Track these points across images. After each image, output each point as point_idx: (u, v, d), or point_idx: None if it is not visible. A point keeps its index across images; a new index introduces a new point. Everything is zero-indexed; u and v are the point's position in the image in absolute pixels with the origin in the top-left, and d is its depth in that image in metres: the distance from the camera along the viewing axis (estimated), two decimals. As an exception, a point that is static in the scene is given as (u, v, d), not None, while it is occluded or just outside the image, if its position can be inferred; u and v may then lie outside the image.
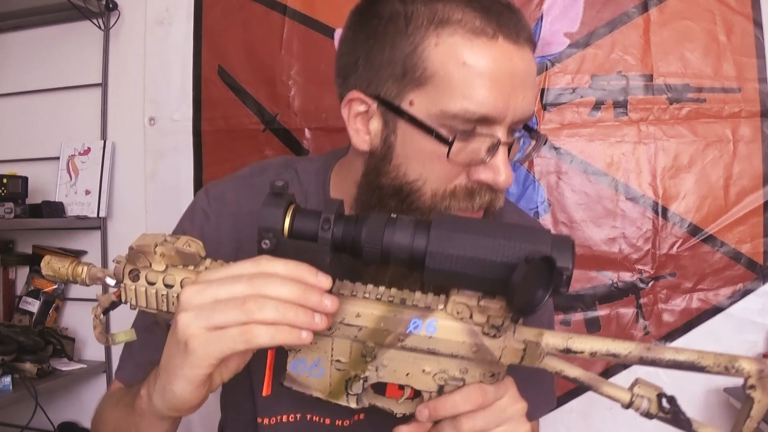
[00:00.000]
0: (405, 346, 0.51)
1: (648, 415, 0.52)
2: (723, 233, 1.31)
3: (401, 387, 0.54)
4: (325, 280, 0.46)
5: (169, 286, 0.52)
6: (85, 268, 0.56)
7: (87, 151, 1.66)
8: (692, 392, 1.32)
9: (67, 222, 1.62)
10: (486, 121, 0.57)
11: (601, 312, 1.35)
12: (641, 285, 1.34)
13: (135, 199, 1.64)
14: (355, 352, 0.52)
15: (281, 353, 0.55)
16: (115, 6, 1.64)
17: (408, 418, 0.55)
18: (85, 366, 1.60)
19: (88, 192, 1.64)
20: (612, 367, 1.34)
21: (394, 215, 0.49)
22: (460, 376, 0.52)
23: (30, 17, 1.68)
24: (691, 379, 1.36)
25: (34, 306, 1.67)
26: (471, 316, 0.50)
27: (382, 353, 0.52)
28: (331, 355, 0.53)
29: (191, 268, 0.52)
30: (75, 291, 1.72)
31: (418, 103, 0.58)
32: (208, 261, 0.53)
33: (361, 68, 0.61)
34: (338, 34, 1.47)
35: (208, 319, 0.45)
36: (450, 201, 0.60)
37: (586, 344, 0.50)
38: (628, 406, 0.52)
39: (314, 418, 0.71)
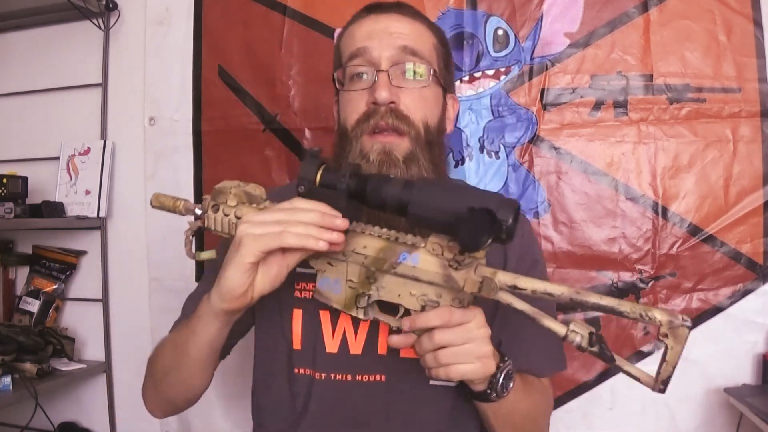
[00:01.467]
0: (397, 272, 0.69)
1: (580, 348, 0.65)
2: (723, 233, 1.31)
3: (395, 308, 0.72)
4: (337, 213, 0.66)
5: (238, 218, 0.71)
6: (182, 202, 0.76)
7: (87, 151, 1.66)
8: (692, 392, 1.32)
9: (67, 222, 1.62)
10: (360, 53, 0.83)
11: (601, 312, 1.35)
12: (641, 285, 1.34)
13: (135, 199, 1.64)
14: (362, 274, 0.71)
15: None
16: (115, 6, 1.64)
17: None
18: (85, 366, 1.60)
19: (88, 192, 1.64)
20: (612, 367, 1.34)
21: (391, 175, 0.69)
22: (436, 299, 0.69)
23: (30, 17, 1.68)
24: (692, 379, 1.37)
25: (34, 306, 1.67)
26: (443, 253, 0.67)
27: (381, 277, 0.71)
28: (346, 276, 0.72)
29: (254, 205, 0.72)
30: (75, 291, 1.72)
31: (338, 75, 0.87)
32: (267, 202, 0.72)
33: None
34: (338, 34, 1.47)
35: (256, 228, 0.66)
36: (360, 126, 0.81)
37: (529, 284, 0.65)
38: (564, 338, 0.65)
39: (337, 376, 0.84)
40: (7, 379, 1.38)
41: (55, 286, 1.69)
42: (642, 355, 1.33)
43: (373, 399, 0.83)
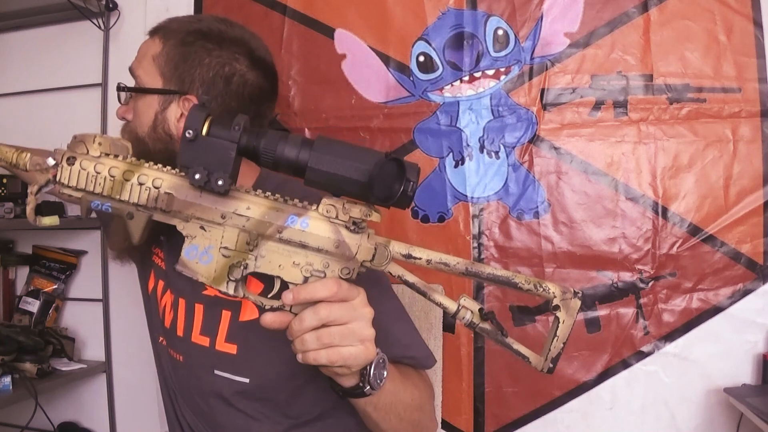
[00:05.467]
0: (282, 238, 0.63)
1: (470, 325, 0.64)
2: (723, 233, 1.31)
3: (269, 280, 0.66)
4: None
5: (98, 173, 0.63)
6: (29, 155, 0.65)
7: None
8: (692, 392, 1.32)
9: (67, 222, 1.62)
10: None
11: (601, 312, 1.35)
12: (641, 285, 1.34)
13: (135, 199, 1.63)
14: (241, 240, 0.64)
15: (179, 240, 0.65)
16: (115, 6, 1.64)
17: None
18: (85, 366, 1.60)
19: (88, 192, 1.64)
20: (612, 367, 1.35)
21: (287, 132, 0.63)
22: (322, 269, 0.64)
23: (30, 17, 1.67)
24: (692, 379, 1.37)
25: (34, 306, 1.67)
26: (337, 216, 0.63)
27: (262, 244, 0.64)
28: (221, 243, 0.64)
29: (120, 158, 0.64)
30: (75, 291, 1.72)
31: None
32: (133, 158, 0.64)
33: None
34: (338, 34, 1.48)
35: None
36: None
37: (424, 254, 0.64)
38: (454, 315, 0.65)
39: (161, 341, 0.93)
40: (7, 379, 1.38)
41: (55, 286, 1.69)
42: (642, 355, 1.34)
43: (176, 374, 0.92)
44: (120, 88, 0.92)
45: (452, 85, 1.41)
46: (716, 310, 1.32)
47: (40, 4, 1.59)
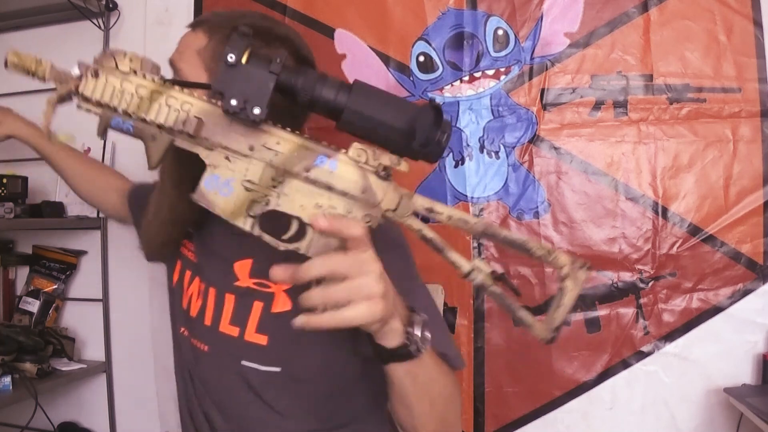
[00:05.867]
0: (309, 177, 0.61)
1: (482, 286, 0.64)
2: (723, 233, 1.31)
3: (290, 220, 0.63)
4: None
5: (123, 89, 0.61)
6: (50, 63, 0.64)
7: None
8: (692, 392, 1.32)
9: (67, 222, 1.62)
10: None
11: (601, 312, 1.35)
12: (641, 285, 1.34)
13: (135, 199, 1.64)
14: (266, 175, 0.61)
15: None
16: (115, 6, 1.64)
17: (289, 256, 0.61)
18: (85, 366, 1.60)
19: (88, 192, 1.64)
20: (612, 367, 1.35)
21: (325, 73, 0.61)
22: (344, 214, 0.62)
23: (30, 17, 1.67)
24: (692, 379, 1.37)
25: (34, 306, 1.67)
26: (367, 161, 0.62)
27: (287, 181, 0.61)
28: (245, 176, 0.61)
29: (150, 78, 0.61)
30: (75, 291, 1.72)
31: None
32: (161, 78, 0.62)
33: None
34: (338, 34, 1.48)
35: None
36: None
37: (445, 210, 0.64)
38: (467, 275, 0.64)
39: (184, 332, 0.91)
40: (7, 379, 1.38)
41: (55, 286, 1.69)
42: (642, 355, 1.34)
43: (200, 365, 0.89)
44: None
45: (452, 85, 1.41)
46: (716, 310, 1.32)
47: (40, 4, 1.59)
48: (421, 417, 0.72)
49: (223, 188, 0.62)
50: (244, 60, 0.58)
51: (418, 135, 0.59)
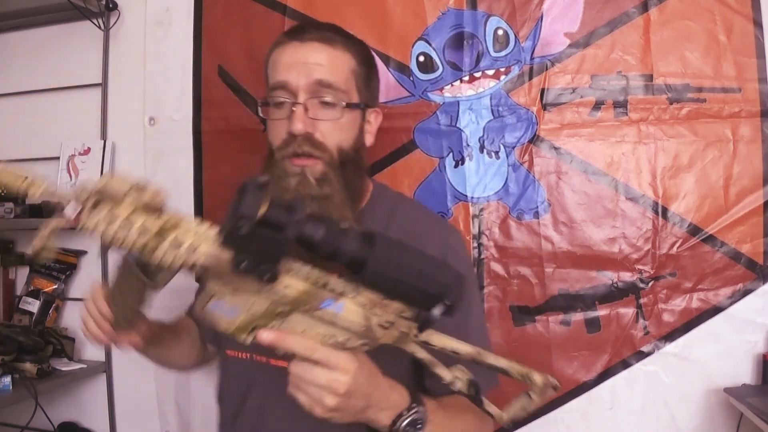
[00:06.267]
0: (314, 315, 0.64)
1: (460, 392, 0.73)
2: (723, 233, 1.31)
3: None
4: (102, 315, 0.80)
5: (128, 225, 0.60)
6: (44, 185, 0.62)
7: (87, 151, 1.66)
8: (692, 392, 1.32)
9: (66, 222, 1.62)
10: (280, 86, 0.89)
11: (601, 312, 1.35)
12: (641, 285, 1.34)
13: (135, 199, 1.63)
14: (270, 309, 0.63)
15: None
16: (115, 6, 1.64)
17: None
18: (85, 366, 1.60)
19: (88, 192, 1.64)
20: (612, 367, 1.35)
21: (346, 225, 0.62)
22: (343, 342, 0.66)
23: (30, 17, 1.67)
24: (692, 379, 1.37)
25: (34, 306, 1.67)
26: (373, 308, 0.65)
27: (292, 315, 0.64)
28: (250, 308, 0.63)
29: (153, 217, 0.60)
30: (75, 291, 1.72)
31: (264, 100, 0.94)
32: (165, 213, 0.62)
33: None
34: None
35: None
36: (281, 151, 0.88)
37: (439, 341, 0.70)
38: (451, 383, 0.72)
39: (256, 357, 0.91)
40: (7, 379, 1.38)
41: (55, 286, 1.69)
42: (642, 355, 1.34)
43: (277, 381, 0.88)
44: (347, 105, 0.91)
45: (452, 85, 1.41)
46: (716, 310, 1.32)
47: (40, 4, 1.59)
48: None
49: (228, 312, 0.63)
50: (258, 215, 0.56)
51: (449, 299, 0.63)
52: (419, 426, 0.74)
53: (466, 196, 1.41)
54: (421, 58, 1.43)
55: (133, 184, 0.61)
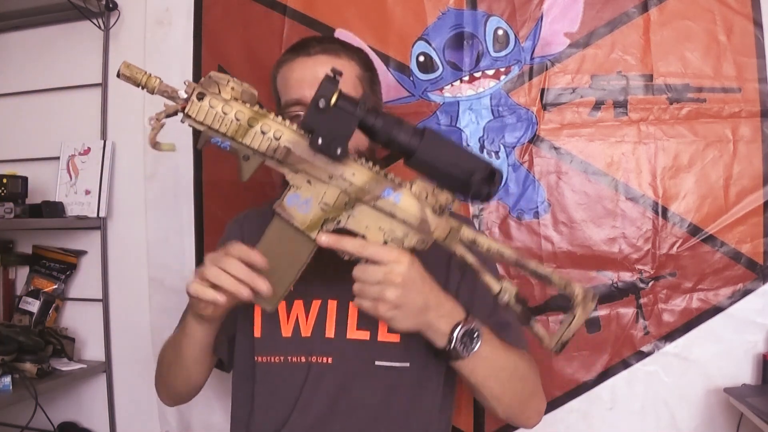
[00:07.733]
0: (376, 205, 0.74)
1: (506, 306, 0.78)
2: (723, 233, 1.31)
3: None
4: (256, 258, 0.74)
5: (225, 114, 0.71)
6: (157, 80, 0.72)
7: (87, 151, 1.66)
8: (692, 392, 1.32)
9: (67, 222, 1.62)
10: (295, 103, 0.92)
11: (601, 312, 1.35)
12: (641, 285, 1.34)
13: (135, 199, 1.63)
14: (340, 199, 0.74)
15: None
16: (115, 6, 1.64)
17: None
18: (85, 366, 1.60)
19: (88, 192, 1.64)
20: (612, 367, 1.35)
21: (401, 119, 0.73)
22: (401, 237, 0.75)
23: (30, 17, 1.67)
24: (692, 379, 1.37)
25: (34, 306, 1.67)
26: (426, 197, 0.74)
27: (358, 206, 0.74)
28: (322, 198, 0.74)
29: (248, 105, 0.71)
30: (75, 291, 1.72)
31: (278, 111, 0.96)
32: (257, 107, 0.72)
33: None
34: (338, 34, 1.47)
35: (197, 287, 0.77)
36: None
37: (486, 243, 0.76)
38: (497, 295, 0.77)
39: (292, 359, 0.92)
40: (7, 379, 1.38)
41: (55, 286, 1.69)
42: (642, 355, 1.33)
43: (322, 380, 0.90)
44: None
45: (452, 85, 1.41)
46: (716, 310, 1.32)
47: (40, 4, 1.59)
48: (492, 400, 0.89)
49: (303, 206, 0.74)
50: (332, 102, 0.68)
51: (472, 188, 0.71)
52: (476, 337, 0.80)
53: (466, 196, 1.41)
54: (421, 58, 1.43)
55: (231, 78, 0.71)
